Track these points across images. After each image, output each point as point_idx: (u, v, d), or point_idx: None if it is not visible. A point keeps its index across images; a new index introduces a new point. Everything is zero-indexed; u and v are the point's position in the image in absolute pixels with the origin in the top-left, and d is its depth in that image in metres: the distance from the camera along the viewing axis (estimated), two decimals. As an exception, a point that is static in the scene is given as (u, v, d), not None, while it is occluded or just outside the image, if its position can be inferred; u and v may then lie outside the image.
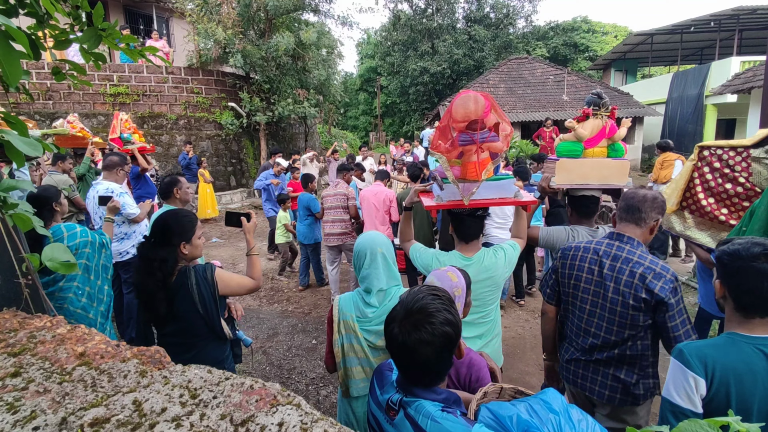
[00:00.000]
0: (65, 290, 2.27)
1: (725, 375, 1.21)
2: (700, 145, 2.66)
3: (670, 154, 6.09)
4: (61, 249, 1.04)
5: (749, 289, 1.23)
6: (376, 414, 1.21)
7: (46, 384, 0.89)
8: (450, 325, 1.07)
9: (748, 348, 1.23)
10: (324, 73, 11.86)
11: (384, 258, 1.69)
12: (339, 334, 1.67)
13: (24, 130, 1.03)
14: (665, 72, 21.15)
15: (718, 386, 1.21)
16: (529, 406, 1.07)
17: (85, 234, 2.38)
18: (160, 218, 1.88)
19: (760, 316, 1.24)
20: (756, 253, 1.22)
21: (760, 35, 15.38)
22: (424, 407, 1.06)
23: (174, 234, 1.83)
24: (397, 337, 1.07)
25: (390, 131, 30.52)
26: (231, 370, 2.04)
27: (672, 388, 1.27)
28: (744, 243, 1.27)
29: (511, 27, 25.37)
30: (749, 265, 1.22)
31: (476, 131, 1.84)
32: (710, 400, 1.22)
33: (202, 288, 1.81)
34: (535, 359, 3.75)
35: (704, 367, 1.22)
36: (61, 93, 9.76)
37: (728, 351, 1.24)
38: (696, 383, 1.22)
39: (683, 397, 1.24)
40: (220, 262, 3.10)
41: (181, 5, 11.40)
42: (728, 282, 1.29)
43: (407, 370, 1.11)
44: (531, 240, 2.37)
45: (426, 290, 1.14)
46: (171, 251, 1.81)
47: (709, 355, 1.24)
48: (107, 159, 3.75)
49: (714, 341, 1.29)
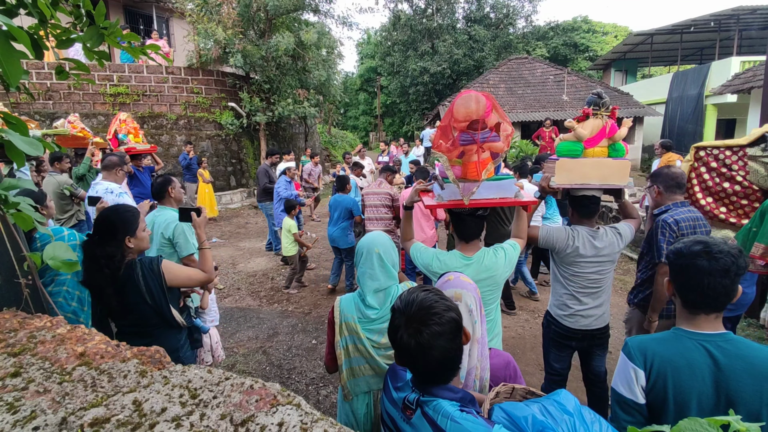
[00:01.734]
0: (54, 295, 2.24)
1: (663, 367, 1.26)
2: (696, 146, 2.67)
3: (673, 154, 6.08)
4: (63, 247, 1.04)
5: (692, 286, 1.27)
6: (391, 412, 1.21)
7: (46, 384, 0.89)
8: (451, 309, 1.10)
9: (691, 343, 1.27)
10: (324, 73, 11.85)
11: (380, 258, 1.68)
12: (341, 335, 1.67)
13: (24, 130, 1.03)
14: (665, 72, 21.15)
15: (656, 378, 1.26)
16: (542, 407, 1.07)
17: (73, 237, 2.37)
18: (102, 215, 1.92)
19: (704, 313, 1.29)
20: (697, 251, 1.26)
21: (760, 35, 15.37)
22: (442, 407, 1.05)
23: (118, 229, 1.86)
24: (410, 342, 1.06)
25: (390, 131, 30.53)
26: (187, 357, 2.07)
27: (617, 379, 1.34)
28: (687, 242, 1.30)
29: (511, 27, 25.35)
30: (691, 263, 1.26)
31: (477, 131, 1.84)
32: (650, 391, 1.28)
33: (148, 279, 1.86)
34: (535, 359, 3.74)
35: (644, 359, 1.28)
36: (61, 93, 9.76)
37: (670, 345, 1.29)
38: (636, 374, 1.28)
39: (626, 388, 1.30)
40: (216, 263, 3.11)
41: (181, 5, 11.40)
42: (675, 280, 1.33)
43: (425, 369, 1.10)
44: (531, 240, 2.37)
45: (415, 290, 1.15)
46: (116, 246, 1.85)
47: (650, 348, 1.30)
48: (106, 159, 3.75)
49: (659, 335, 1.35)
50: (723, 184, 2.54)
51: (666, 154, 6.08)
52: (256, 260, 6.73)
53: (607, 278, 2.43)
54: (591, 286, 2.40)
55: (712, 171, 2.58)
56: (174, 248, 2.74)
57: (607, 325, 2.50)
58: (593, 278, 2.39)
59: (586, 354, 2.56)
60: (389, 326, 1.15)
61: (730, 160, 2.49)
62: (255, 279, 5.95)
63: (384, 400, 1.27)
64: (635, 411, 1.29)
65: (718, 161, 2.55)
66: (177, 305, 2.02)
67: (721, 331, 1.28)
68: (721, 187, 2.55)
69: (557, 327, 2.50)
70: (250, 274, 6.15)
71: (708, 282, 1.23)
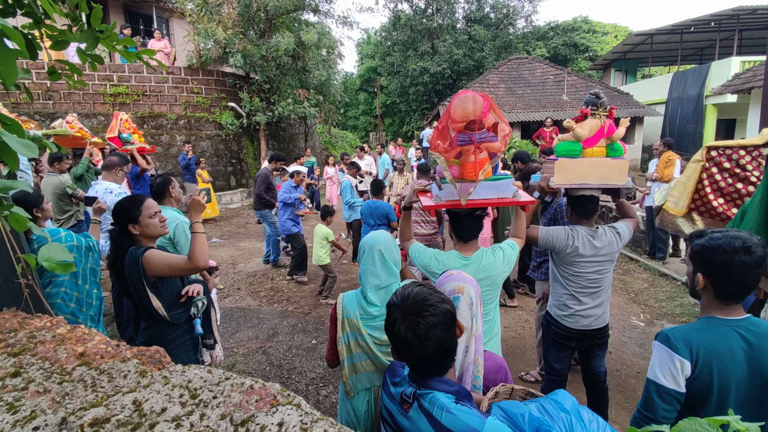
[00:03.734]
0: (52, 296, 2.25)
1: (708, 356, 1.30)
2: (708, 146, 2.62)
3: (673, 153, 6.07)
4: (59, 249, 1.03)
5: (735, 281, 1.31)
6: (390, 407, 1.23)
7: (46, 384, 0.89)
8: (445, 302, 1.13)
9: (727, 330, 1.32)
10: (324, 73, 11.86)
11: (381, 255, 1.71)
12: (343, 331, 1.69)
13: (20, 131, 1.02)
14: (665, 72, 21.14)
15: (702, 367, 1.30)
16: (540, 405, 1.09)
17: (70, 238, 2.37)
18: (113, 207, 2.10)
19: (736, 302, 1.35)
20: (738, 246, 1.29)
21: (760, 35, 15.38)
22: (438, 399, 1.08)
23: (119, 218, 2.01)
24: (407, 334, 1.10)
25: (390, 131, 30.50)
26: (179, 355, 2.07)
27: (658, 371, 1.36)
28: (724, 237, 1.32)
29: (511, 27, 25.35)
30: (733, 259, 1.29)
31: (475, 131, 1.84)
32: (694, 380, 1.32)
33: (131, 269, 1.93)
34: (535, 359, 3.75)
35: (689, 350, 1.32)
36: (60, 93, 9.76)
37: (710, 333, 1.33)
38: (682, 365, 1.31)
39: (669, 379, 1.33)
40: (218, 263, 3.11)
41: (181, 5, 11.39)
42: (714, 276, 1.35)
43: (422, 361, 1.13)
44: (530, 240, 2.37)
45: (409, 285, 1.19)
46: (121, 233, 2.03)
47: (694, 338, 1.33)
48: (107, 159, 3.75)
49: (695, 325, 1.38)
50: (736, 184, 2.50)
51: (666, 152, 6.06)
52: (256, 260, 6.73)
53: (607, 278, 2.44)
54: (591, 286, 2.40)
55: (725, 171, 2.54)
56: (175, 247, 2.75)
57: (607, 325, 2.51)
58: (593, 278, 2.39)
59: (586, 354, 2.56)
60: (386, 321, 1.17)
61: (744, 161, 2.45)
62: (255, 279, 5.95)
63: (383, 396, 1.30)
64: (675, 400, 1.33)
65: (732, 161, 2.51)
66: (172, 298, 2.03)
67: (747, 316, 1.35)
68: (734, 188, 2.51)
69: (557, 327, 2.51)
70: (250, 274, 6.15)
71: (749, 275, 1.29)
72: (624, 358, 3.76)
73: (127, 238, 2.02)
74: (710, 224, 2.63)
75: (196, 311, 2.10)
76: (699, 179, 2.65)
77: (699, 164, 2.64)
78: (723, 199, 2.57)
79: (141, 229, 2.01)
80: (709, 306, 1.39)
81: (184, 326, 2.10)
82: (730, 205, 2.54)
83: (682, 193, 2.73)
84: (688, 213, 2.74)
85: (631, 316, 4.64)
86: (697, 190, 2.67)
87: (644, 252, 6.60)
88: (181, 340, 2.10)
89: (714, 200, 2.60)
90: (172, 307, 2.02)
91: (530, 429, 0.99)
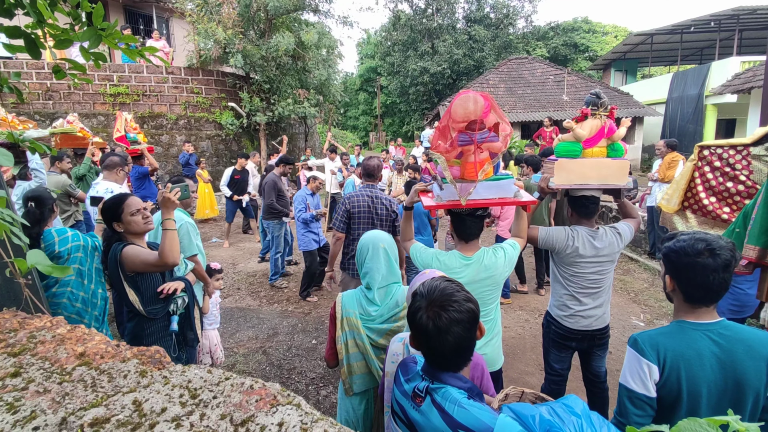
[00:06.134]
0: (59, 296, 2.26)
1: (676, 361, 1.29)
2: (700, 145, 2.65)
3: (677, 154, 6.04)
4: (41, 255, 1.00)
5: (699, 284, 1.30)
6: (402, 402, 1.23)
7: (46, 384, 0.89)
8: (471, 301, 1.14)
9: (696, 334, 1.31)
10: (324, 73, 11.86)
11: (386, 253, 1.72)
12: (342, 330, 1.70)
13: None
14: (665, 72, 21.14)
15: (670, 371, 1.29)
16: (550, 408, 1.09)
17: (76, 238, 2.38)
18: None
19: (705, 305, 1.34)
20: (700, 249, 1.28)
21: (760, 35, 15.37)
22: (450, 394, 1.09)
23: (105, 216, 2.09)
24: (428, 324, 1.11)
25: (390, 131, 30.51)
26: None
27: (628, 375, 1.36)
28: (688, 240, 1.32)
29: (511, 27, 25.35)
30: (695, 261, 1.28)
31: (475, 131, 1.84)
32: (663, 385, 1.30)
33: (111, 264, 2.02)
34: (535, 359, 3.74)
35: (657, 354, 1.31)
36: (60, 93, 9.76)
37: (678, 338, 1.33)
38: (650, 370, 1.31)
39: (638, 383, 1.32)
40: (219, 263, 3.11)
41: (181, 5, 11.39)
42: (678, 278, 1.35)
43: (439, 354, 1.14)
44: (531, 240, 2.37)
45: (438, 279, 1.20)
46: (107, 230, 2.13)
47: (661, 342, 1.32)
48: (108, 159, 3.75)
49: (665, 329, 1.37)
50: (726, 183, 2.52)
51: (670, 153, 6.03)
52: (256, 260, 6.73)
53: (607, 278, 2.43)
54: (591, 287, 2.40)
55: (716, 170, 2.57)
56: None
57: (607, 325, 2.50)
58: (593, 278, 2.39)
59: (587, 354, 2.56)
60: (409, 308, 1.18)
61: (734, 159, 2.47)
62: (255, 279, 5.95)
63: (395, 392, 1.30)
64: (647, 405, 1.32)
65: (722, 160, 2.53)
66: (152, 294, 2.09)
67: (719, 319, 1.33)
68: (724, 187, 2.53)
69: (557, 327, 2.50)
70: (250, 274, 6.15)
71: (713, 278, 1.27)
72: (624, 358, 3.76)
73: (115, 236, 2.10)
74: (703, 222, 2.64)
75: (175, 308, 2.14)
76: (691, 178, 2.67)
77: (692, 163, 2.66)
78: (714, 197, 2.59)
79: (125, 226, 2.08)
80: (680, 310, 1.39)
81: (162, 322, 2.14)
82: (721, 204, 2.56)
83: (675, 191, 2.76)
84: (682, 211, 2.76)
85: (631, 316, 4.64)
86: (689, 189, 2.69)
87: (644, 252, 6.60)
88: (160, 335, 2.14)
89: (705, 198, 2.62)
90: (151, 303, 2.08)
91: (541, 431, 0.99)
